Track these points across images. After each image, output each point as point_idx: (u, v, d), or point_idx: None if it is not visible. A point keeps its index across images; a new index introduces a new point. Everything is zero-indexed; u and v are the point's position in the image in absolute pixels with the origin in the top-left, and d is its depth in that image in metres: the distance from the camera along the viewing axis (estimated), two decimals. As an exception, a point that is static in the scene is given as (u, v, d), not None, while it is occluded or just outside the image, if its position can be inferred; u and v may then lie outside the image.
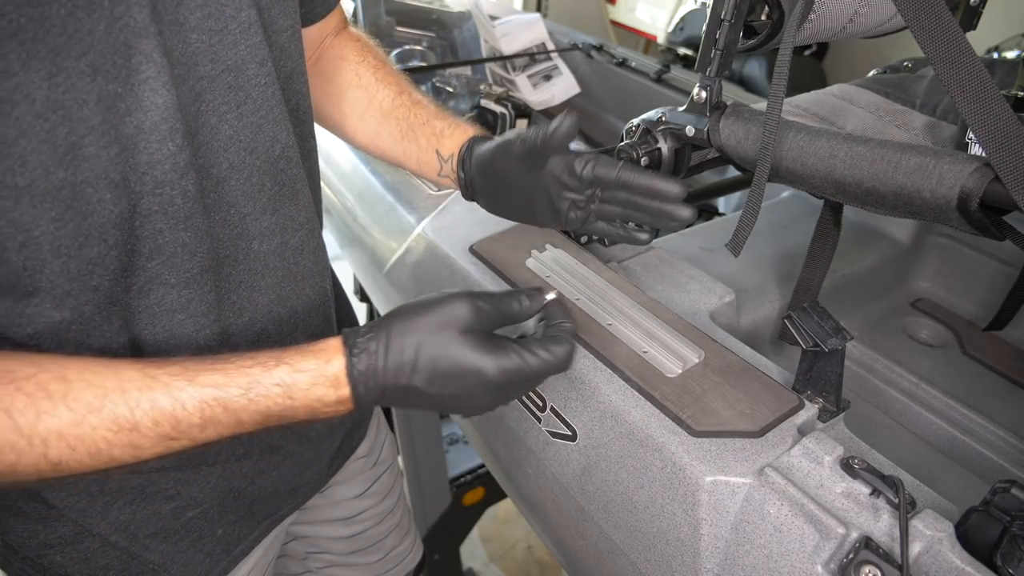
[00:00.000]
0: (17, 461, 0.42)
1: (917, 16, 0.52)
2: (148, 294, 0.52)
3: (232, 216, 0.55)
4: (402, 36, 1.52)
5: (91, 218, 0.45)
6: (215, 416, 0.46)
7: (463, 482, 1.61)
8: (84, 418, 0.43)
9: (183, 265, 0.52)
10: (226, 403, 0.47)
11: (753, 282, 0.88)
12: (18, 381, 0.43)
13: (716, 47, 0.62)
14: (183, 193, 0.49)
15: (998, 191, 0.48)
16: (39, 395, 0.43)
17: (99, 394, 0.44)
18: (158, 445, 0.46)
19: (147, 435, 0.45)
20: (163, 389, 0.45)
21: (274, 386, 0.48)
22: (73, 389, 0.43)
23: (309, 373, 0.48)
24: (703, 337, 0.66)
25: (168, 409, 0.45)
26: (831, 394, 0.59)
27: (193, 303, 0.54)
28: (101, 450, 0.44)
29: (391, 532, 0.99)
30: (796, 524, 0.50)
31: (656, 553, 0.58)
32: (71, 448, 0.43)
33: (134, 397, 0.45)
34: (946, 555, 0.46)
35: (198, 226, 0.51)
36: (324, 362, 0.49)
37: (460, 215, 0.89)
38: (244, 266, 0.57)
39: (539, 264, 0.75)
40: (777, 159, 0.60)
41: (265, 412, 0.48)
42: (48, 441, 0.43)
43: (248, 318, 0.59)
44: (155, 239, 0.50)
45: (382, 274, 0.99)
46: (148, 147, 0.46)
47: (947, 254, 1.02)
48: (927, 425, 0.84)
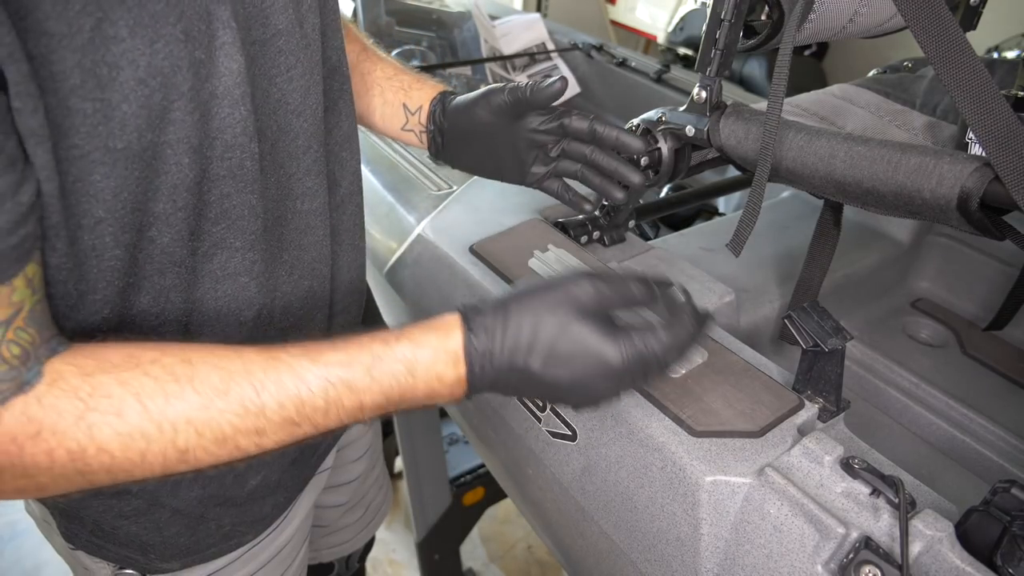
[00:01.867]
0: (147, 449, 0.41)
1: (917, 16, 0.52)
2: (212, 258, 0.52)
3: (281, 178, 0.55)
4: (402, 36, 1.52)
5: (164, 177, 0.45)
6: (339, 398, 0.45)
7: (463, 482, 1.61)
8: (211, 401, 0.42)
9: (248, 228, 0.52)
10: (350, 383, 0.45)
11: (753, 282, 0.88)
12: (144, 365, 0.42)
13: (716, 47, 0.62)
14: (251, 156, 0.49)
15: (998, 191, 0.48)
16: (166, 378, 0.42)
17: (224, 376, 0.43)
18: (281, 431, 0.45)
19: (272, 419, 0.44)
20: (287, 370, 0.44)
21: (397, 362, 0.46)
22: (199, 372, 0.43)
23: (431, 348, 0.47)
24: (703, 337, 0.66)
25: (293, 391, 0.44)
26: (831, 394, 0.59)
27: (257, 265, 0.54)
28: (227, 436, 0.43)
29: (371, 487, 1.03)
30: (796, 524, 0.50)
31: (656, 553, 0.58)
32: (198, 434, 0.42)
33: (259, 378, 0.43)
34: (946, 555, 0.46)
35: (261, 189, 0.52)
36: (444, 336, 0.47)
37: (460, 215, 0.89)
38: (292, 225, 0.58)
39: (541, 264, 0.75)
40: (777, 159, 0.60)
41: (387, 392, 0.46)
42: (177, 426, 0.42)
43: (297, 275, 0.60)
44: (221, 203, 0.50)
45: (382, 274, 0.99)
46: (220, 112, 0.46)
47: (947, 254, 1.02)
48: (927, 425, 0.84)
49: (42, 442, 0.40)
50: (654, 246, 0.83)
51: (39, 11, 0.36)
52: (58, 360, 0.41)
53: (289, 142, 0.55)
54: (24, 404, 0.40)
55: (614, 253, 0.81)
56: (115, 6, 0.38)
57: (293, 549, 0.77)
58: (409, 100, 0.72)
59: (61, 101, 0.38)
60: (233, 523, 0.66)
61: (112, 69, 0.39)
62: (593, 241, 0.82)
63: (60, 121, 0.39)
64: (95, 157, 0.41)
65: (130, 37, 0.39)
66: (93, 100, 0.39)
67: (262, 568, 0.72)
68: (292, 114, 0.54)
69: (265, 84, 0.51)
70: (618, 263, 0.79)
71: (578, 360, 0.47)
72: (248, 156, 0.49)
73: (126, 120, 0.41)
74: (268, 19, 0.49)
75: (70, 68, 0.38)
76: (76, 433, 0.40)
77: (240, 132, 0.48)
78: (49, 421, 0.40)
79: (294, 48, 0.52)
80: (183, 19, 0.42)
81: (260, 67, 0.50)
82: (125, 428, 0.41)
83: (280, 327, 0.61)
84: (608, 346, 0.47)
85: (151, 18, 0.40)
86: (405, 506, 1.74)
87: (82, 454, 0.40)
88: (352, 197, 0.67)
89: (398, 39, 1.49)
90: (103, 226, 0.44)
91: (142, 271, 0.49)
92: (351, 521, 1.03)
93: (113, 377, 0.41)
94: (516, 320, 0.47)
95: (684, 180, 0.77)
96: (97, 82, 0.39)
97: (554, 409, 0.68)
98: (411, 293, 0.91)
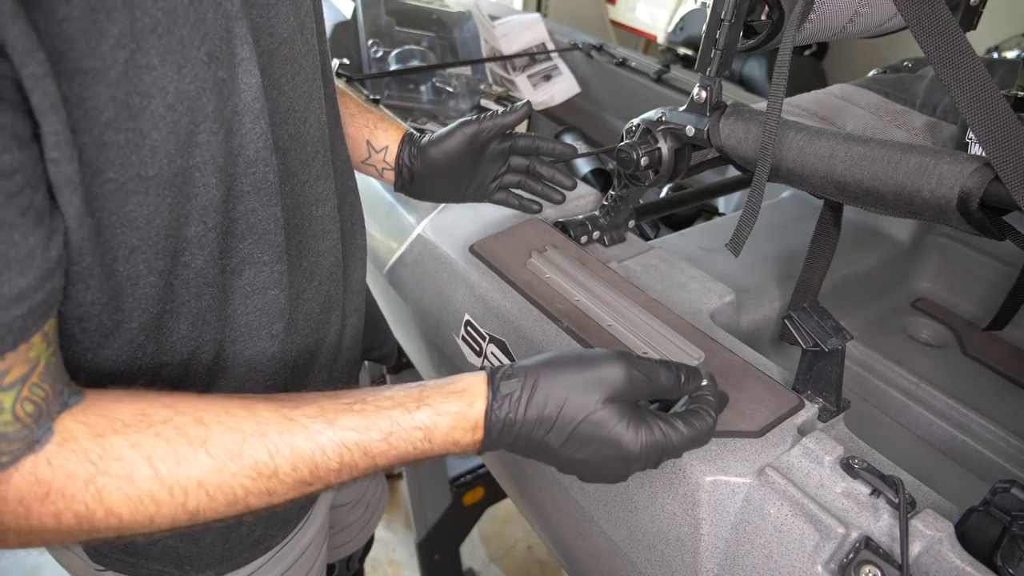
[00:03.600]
0: (156, 512, 0.41)
1: (917, 16, 0.52)
2: (240, 274, 0.51)
3: (296, 186, 0.55)
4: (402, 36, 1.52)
5: (194, 200, 0.45)
6: (353, 461, 0.45)
7: (463, 482, 1.61)
8: (224, 465, 0.41)
9: (273, 240, 0.52)
10: (366, 448, 0.45)
11: (753, 282, 0.88)
12: (156, 426, 0.41)
13: (716, 47, 0.62)
14: (273, 168, 0.49)
15: (998, 191, 0.48)
16: (179, 440, 0.41)
17: (238, 439, 0.42)
18: (293, 491, 0.44)
19: (285, 481, 0.43)
20: (302, 433, 0.43)
21: (415, 429, 0.46)
22: (212, 434, 0.42)
23: (451, 416, 0.46)
24: (703, 337, 0.66)
25: (308, 454, 0.43)
26: (831, 394, 0.59)
27: (285, 276, 0.54)
28: (238, 498, 0.43)
29: (370, 484, 1.05)
30: (796, 524, 0.50)
31: (656, 553, 0.58)
32: (210, 497, 0.42)
33: (274, 441, 0.43)
34: (946, 555, 0.46)
35: (282, 200, 0.52)
36: (467, 405, 0.47)
37: (460, 215, 0.89)
38: (310, 232, 0.58)
39: (541, 265, 0.75)
40: (777, 159, 0.60)
41: (403, 456, 0.46)
42: (188, 490, 0.41)
43: (317, 281, 0.60)
44: (247, 219, 0.49)
45: (382, 274, 0.99)
46: (242, 128, 0.46)
47: (947, 254, 1.02)
48: (927, 425, 0.84)
49: (50, 504, 0.39)
50: (654, 246, 0.83)
51: (73, 51, 0.36)
52: (69, 417, 0.40)
53: (300, 149, 0.55)
54: (34, 464, 0.38)
55: (614, 253, 0.81)
56: (147, 35, 0.38)
57: (315, 550, 0.78)
58: (374, 138, 0.75)
59: (96, 138, 0.38)
60: (264, 527, 0.66)
61: (144, 98, 0.39)
62: (593, 241, 0.82)
63: (94, 158, 0.38)
64: (129, 187, 0.41)
65: (161, 65, 0.39)
66: (126, 131, 0.39)
67: (288, 570, 0.73)
68: (300, 121, 0.54)
69: (275, 94, 0.51)
70: (618, 263, 0.79)
71: (597, 444, 0.47)
72: (270, 169, 0.49)
73: (156, 147, 0.41)
74: (275, 28, 0.49)
75: (104, 103, 0.37)
76: (85, 497, 0.39)
77: (262, 146, 0.48)
78: (58, 483, 0.39)
79: (297, 55, 0.52)
80: (207, 41, 0.41)
81: (270, 77, 0.50)
82: (135, 492, 0.40)
83: (304, 333, 0.61)
84: (629, 434, 0.46)
85: (179, 43, 0.40)
86: (405, 506, 1.74)
87: (90, 517, 0.40)
88: (351, 196, 0.68)
89: (398, 39, 1.49)
90: (137, 255, 0.43)
91: (179, 297, 0.48)
92: (353, 519, 1.03)
93: (124, 438, 0.40)
94: (543, 394, 0.47)
95: (684, 180, 0.77)
96: (129, 113, 0.39)
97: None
98: (411, 293, 0.91)
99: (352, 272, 0.69)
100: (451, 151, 0.73)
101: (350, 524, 1.03)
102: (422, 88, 1.45)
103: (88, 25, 0.35)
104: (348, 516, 1.01)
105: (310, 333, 0.62)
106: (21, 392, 0.37)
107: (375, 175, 0.78)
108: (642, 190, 0.76)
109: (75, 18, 0.35)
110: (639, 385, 0.48)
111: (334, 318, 0.65)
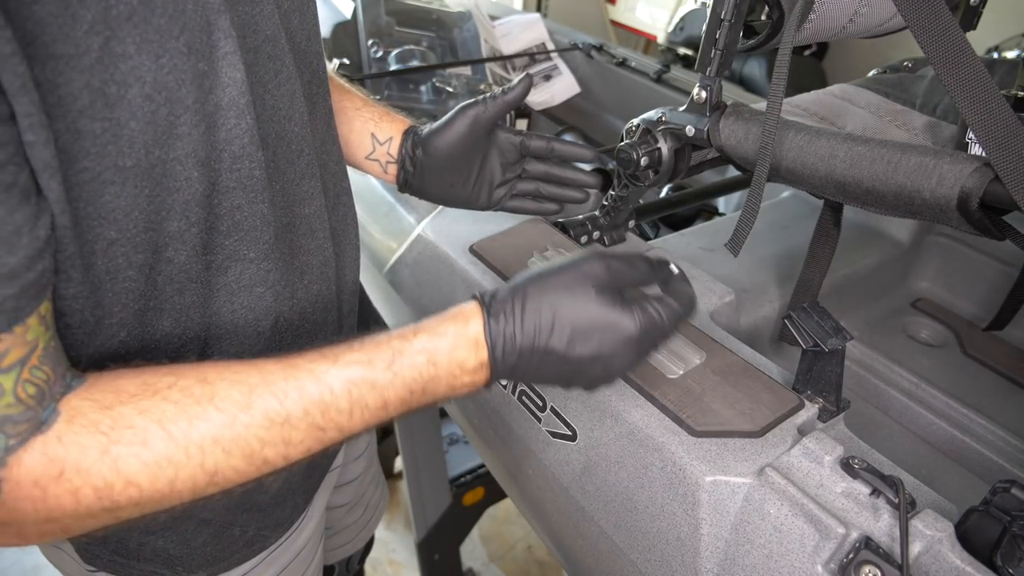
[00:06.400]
0: (175, 476, 0.40)
1: (917, 16, 0.52)
2: (226, 271, 0.51)
3: (285, 184, 0.55)
4: (402, 36, 1.52)
5: (176, 194, 0.45)
6: (362, 397, 0.45)
7: (463, 482, 1.61)
8: (235, 417, 0.41)
9: (260, 238, 0.52)
10: (372, 380, 0.45)
11: (753, 282, 0.88)
12: (162, 391, 0.41)
13: (716, 47, 0.62)
14: (259, 165, 0.49)
15: (998, 191, 0.48)
16: (186, 401, 0.41)
17: (245, 391, 0.42)
18: (308, 438, 0.44)
19: (297, 427, 0.43)
20: (308, 375, 0.44)
21: (417, 354, 0.46)
22: (219, 390, 0.42)
23: (450, 336, 0.47)
24: (703, 337, 0.66)
25: (316, 395, 0.43)
26: (831, 394, 0.59)
27: (272, 274, 0.54)
28: (255, 451, 0.42)
29: (369, 485, 1.04)
30: (796, 524, 0.50)
31: (656, 553, 0.58)
32: (226, 453, 0.42)
33: (281, 387, 0.43)
34: (946, 555, 0.46)
35: (270, 197, 0.52)
36: (463, 323, 0.47)
37: (460, 215, 0.89)
38: (300, 231, 0.58)
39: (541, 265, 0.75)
40: (777, 159, 0.60)
41: (410, 385, 0.46)
42: (204, 448, 0.41)
43: (308, 280, 0.60)
44: (233, 215, 0.49)
45: (382, 274, 0.99)
46: (226, 123, 0.46)
47: (947, 254, 1.02)
48: (927, 425, 0.84)
49: (66, 482, 0.38)
50: (654, 246, 0.83)
51: (45, 35, 0.35)
52: (73, 396, 0.40)
53: (285, 147, 0.55)
54: (44, 444, 0.38)
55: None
56: (122, 23, 0.38)
57: (310, 551, 0.78)
58: (378, 130, 0.74)
59: (70, 125, 0.38)
60: (257, 528, 0.66)
61: (121, 87, 0.39)
62: (593, 241, 0.82)
63: (69, 145, 0.38)
64: (105, 177, 0.40)
65: (137, 54, 0.39)
66: (102, 120, 0.39)
67: (283, 571, 0.73)
68: (285, 119, 0.54)
69: (261, 91, 0.50)
70: (618, 263, 0.79)
71: (599, 334, 0.48)
72: (256, 165, 0.49)
73: (134, 137, 0.40)
74: (258, 25, 0.49)
75: (78, 90, 0.37)
76: (101, 468, 0.39)
77: (248, 142, 0.48)
78: (72, 459, 0.38)
79: (280, 53, 0.52)
80: (185, 31, 0.41)
81: (255, 74, 0.50)
82: (151, 457, 0.40)
83: (297, 334, 0.61)
84: (625, 317, 0.48)
85: (156, 33, 0.40)
86: (405, 506, 1.74)
87: (109, 490, 0.39)
88: (343, 196, 0.68)
89: (398, 39, 1.49)
90: (116, 247, 0.43)
91: (162, 293, 0.48)
92: (352, 521, 1.03)
93: (132, 407, 0.40)
94: (535, 302, 0.48)
95: (684, 180, 0.77)
96: (106, 101, 0.39)
97: (554, 409, 0.68)
98: (411, 293, 0.91)
99: (346, 272, 0.69)
100: (454, 138, 0.70)
101: (349, 525, 1.03)
102: (422, 88, 1.45)
103: (61, 9, 0.35)
104: (346, 517, 1.01)
105: (302, 332, 0.62)
106: (21, 374, 0.37)
107: (379, 172, 0.76)
108: (642, 190, 0.76)
109: (47, 1, 0.35)
110: (619, 274, 0.50)
111: (330, 319, 0.65)
